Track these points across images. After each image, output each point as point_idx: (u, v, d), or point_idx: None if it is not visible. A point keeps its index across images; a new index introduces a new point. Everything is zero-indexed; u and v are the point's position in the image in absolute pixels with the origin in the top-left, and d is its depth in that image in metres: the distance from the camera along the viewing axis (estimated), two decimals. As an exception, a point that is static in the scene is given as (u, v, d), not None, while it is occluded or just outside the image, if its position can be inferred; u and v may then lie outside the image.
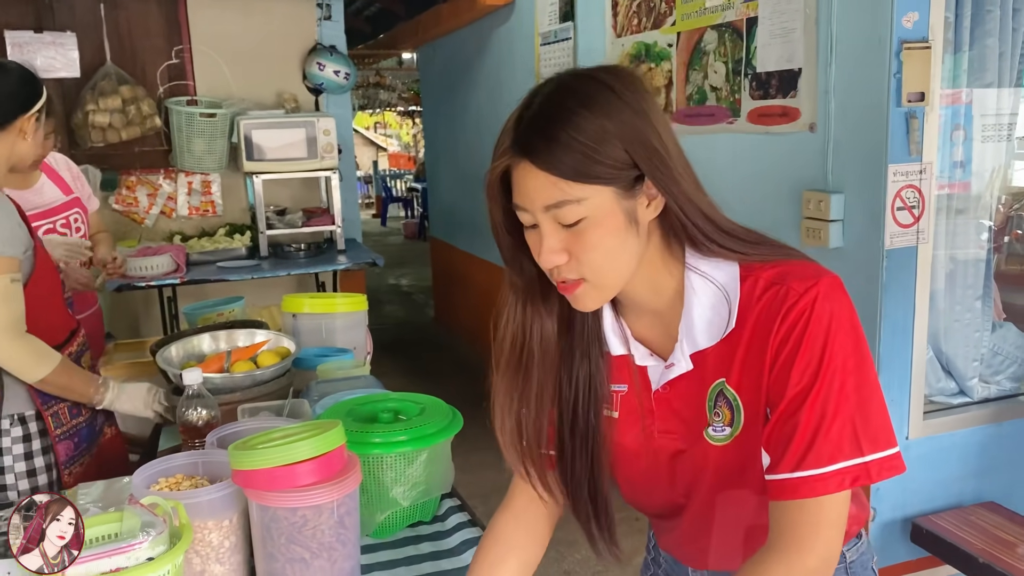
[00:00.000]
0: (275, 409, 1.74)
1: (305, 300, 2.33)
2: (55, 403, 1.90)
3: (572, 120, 0.90)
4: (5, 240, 1.72)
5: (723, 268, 1.00)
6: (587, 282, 0.98)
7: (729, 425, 1.02)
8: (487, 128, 5.59)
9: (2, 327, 1.73)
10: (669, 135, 0.95)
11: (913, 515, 2.54)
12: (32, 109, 1.98)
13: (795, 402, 0.93)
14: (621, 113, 0.91)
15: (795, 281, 0.95)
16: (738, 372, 0.99)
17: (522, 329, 1.08)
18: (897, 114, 2.36)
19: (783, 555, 0.93)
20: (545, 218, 0.95)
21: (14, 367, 1.80)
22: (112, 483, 1.65)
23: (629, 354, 1.08)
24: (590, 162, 0.90)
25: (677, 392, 1.06)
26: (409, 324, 7.69)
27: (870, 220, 2.45)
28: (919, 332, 2.50)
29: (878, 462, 0.92)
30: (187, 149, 4.34)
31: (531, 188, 0.93)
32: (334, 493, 1.25)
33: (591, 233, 0.94)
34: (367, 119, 19.87)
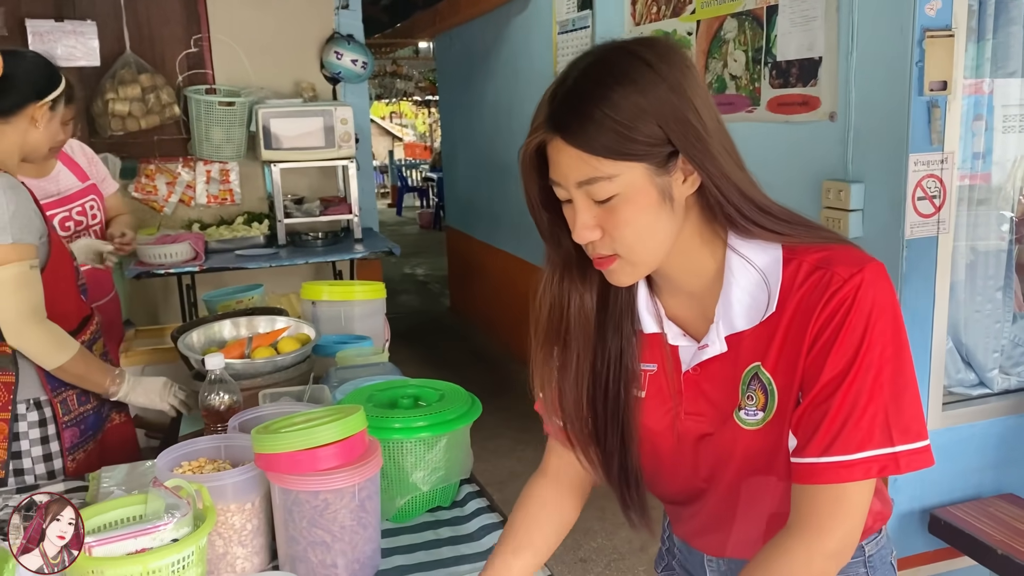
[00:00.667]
0: (296, 395, 1.75)
1: (324, 288, 2.34)
2: (64, 390, 1.92)
3: (606, 96, 0.90)
4: (22, 227, 1.74)
5: (766, 250, 0.99)
6: (621, 258, 0.97)
7: (762, 410, 1.01)
8: (504, 117, 5.58)
9: (23, 313, 1.75)
10: (708, 109, 0.94)
11: (931, 506, 2.53)
12: (46, 98, 1.94)
13: (829, 387, 0.93)
14: (656, 88, 0.90)
15: (840, 267, 0.94)
16: (775, 356, 0.98)
17: (559, 302, 1.09)
18: (919, 103, 2.34)
19: (803, 538, 0.94)
20: (578, 194, 0.94)
21: (34, 353, 1.82)
22: (135, 466, 1.67)
23: (662, 332, 1.08)
24: (622, 139, 0.89)
25: (708, 374, 1.05)
26: (425, 313, 7.71)
27: (890, 210, 2.44)
28: (939, 323, 2.49)
29: (908, 453, 0.92)
30: (206, 138, 4.36)
31: (564, 164, 0.93)
32: (355, 477, 1.26)
33: (623, 210, 0.93)
34: (383, 108, 19.88)
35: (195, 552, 1.17)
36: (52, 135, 1.99)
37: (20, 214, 1.75)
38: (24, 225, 1.75)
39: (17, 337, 1.79)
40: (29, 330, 1.78)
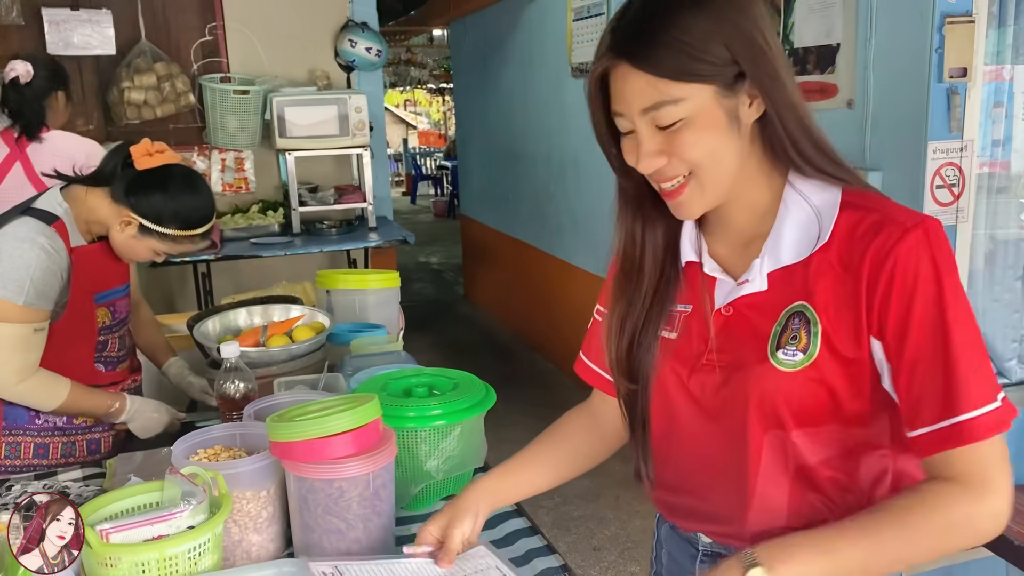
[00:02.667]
0: (311, 383, 1.76)
1: (339, 276, 2.35)
2: (21, 435, 1.85)
3: (671, 19, 0.90)
4: (40, 293, 1.72)
5: (825, 191, 0.98)
6: (693, 180, 0.97)
7: (803, 351, 0.97)
8: (519, 105, 5.57)
9: (13, 371, 1.73)
10: (772, 35, 0.94)
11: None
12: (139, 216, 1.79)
13: (925, 349, 0.91)
14: (724, 9, 0.90)
15: (901, 215, 0.93)
16: (825, 296, 0.96)
17: (633, 238, 1.09)
18: (938, 90, 2.31)
19: (969, 493, 0.90)
20: (642, 121, 0.94)
21: (27, 403, 1.81)
22: (151, 454, 1.69)
23: (700, 262, 1.07)
24: (690, 60, 0.89)
25: (741, 316, 1.02)
26: (439, 301, 7.73)
27: (908, 198, 2.41)
28: (957, 312, 2.47)
29: (1006, 404, 0.91)
30: (220, 126, 4.37)
31: (628, 91, 0.93)
32: (370, 465, 1.26)
33: (690, 134, 0.93)
34: (397, 97, 19.88)
35: (211, 539, 1.18)
36: (130, 248, 1.85)
37: (41, 280, 1.72)
38: (42, 292, 1.73)
39: (6, 394, 1.77)
40: (21, 387, 1.76)
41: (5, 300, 1.68)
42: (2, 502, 1.56)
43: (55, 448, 1.88)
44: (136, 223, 1.79)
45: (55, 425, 1.87)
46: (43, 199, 1.82)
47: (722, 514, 1.10)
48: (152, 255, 1.88)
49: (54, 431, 1.88)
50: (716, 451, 1.08)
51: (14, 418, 1.84)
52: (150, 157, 1.79)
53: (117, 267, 1.94)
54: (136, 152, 1.78)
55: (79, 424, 1.91)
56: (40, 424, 1.86)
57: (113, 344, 1.96)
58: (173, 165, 1.82)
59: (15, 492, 1.61)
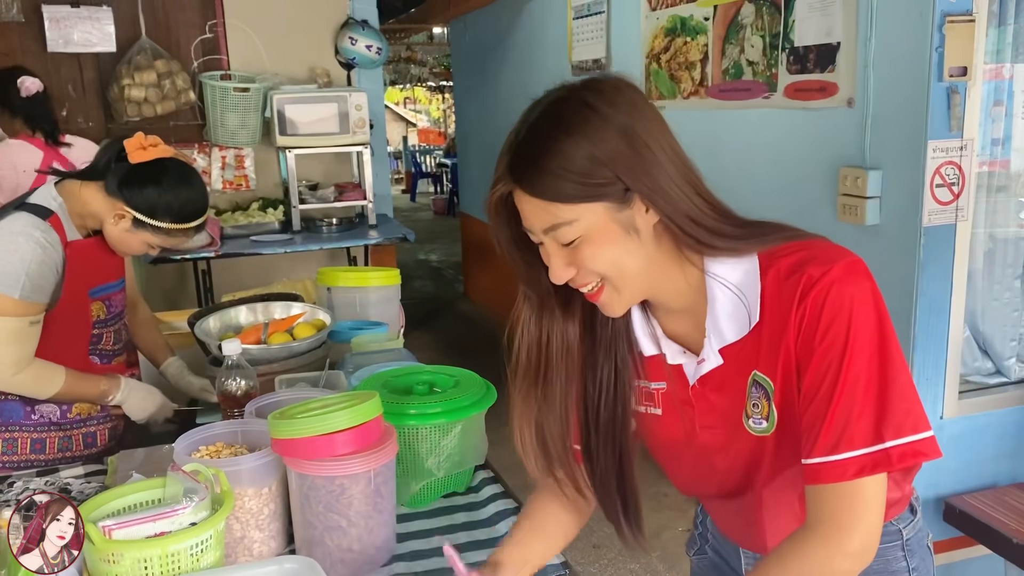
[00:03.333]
0: (312, 380, 1.76)
1: (340, 273, 2.35)
2: (16, 431, 1.86)
3: (555, 147, 0.93)
4: (36, 287, 1.73)
5: (741, 265, 1.00)
6: (607, 284, 1.00)
7: (766, 418, 1.03)
8: (519, 102, 5.54)
9: (9, 363, 1.74)
10: (660, 142, 0.96)
11: (946, 495, 2.52)
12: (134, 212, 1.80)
13: (814, 388, 0.95)
14: (604, 133, 0.93)
15: (812, 266, 0.95)
16: (765, 359, 1.00)
17: (538, 340, 1.11)
18: (938, 89, 2.31)
19: (822, 537, 0.94)
20: (547, 239, 0.98)
21: (23, 392, 1.82)
22: (153, 451, 1.69)
23: (661, 353, 1.10)
24: (575, 185, 0.93)
25: (713, 386, 1.07)
26: (439, 299, 7.73)
27: (908, 197, 2.42)
28: (956, 311, 2.47)
29: (900, 448, 0.92)
30: (221, 123, 4.37)
31: (528, 212, 0.97)
32: (371, 462, 1.27)
33: (589, 249, 0.97)
34: (397, 94, 19.85)
35: (213, 536, 1.18)
36: (124, 242, 1.86)
37: (37, 274, 1.73)
38: (38, 286, 1.74)
39: (3, 385, 1.78)
40: (17, 378, 1.76)
41: (1, 294, 1.69)
42: (3, 499, 1.57)
43: (51, 443, 1.89)
44: (130, 216, 1.80)
45: (50, 420, 1.88)
46: (38, 194, 1.82)
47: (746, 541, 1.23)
48: (146, 248, 1.88)
49: (50, 426, 1.88)
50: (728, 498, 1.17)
51: (9, 414, 1.84)
52: (143, 151, 1.80)
53: (112, 261, 1.94)
54: (130, 146, 1.79)
55: (74, 418, 1.91)
56: (36, 420, 1.86)
57: (108, 338, 1.96)
58: (166, 159, 1.82)
59: (17, 489, 1.61)
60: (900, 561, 1.15)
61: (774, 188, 3.00)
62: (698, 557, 1.40)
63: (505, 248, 1.06)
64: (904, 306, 2.43)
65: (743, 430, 1.05)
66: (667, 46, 3.54)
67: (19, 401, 1.84)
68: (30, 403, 1.86)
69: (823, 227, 2.71)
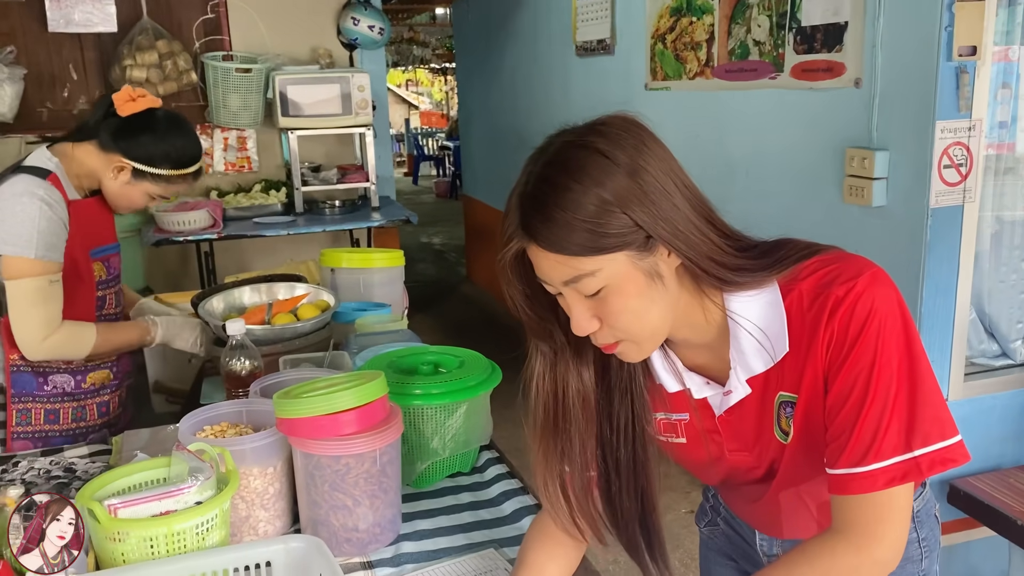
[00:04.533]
0: (316, 361, 1.76)
1: (343, 255, 2.34)
2: (30, 402, 1.87)
3: (567, 197, 0.88)
4: (49, 245, 1.74)
5: (762, 296, 0.98)
6: (624, 342, 0.98)
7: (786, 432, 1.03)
8: (523, 84, 5.54)
9: (39, 325, 1.75)
10: (672, 180, 0.92)
11: (950, 477, 2.52)
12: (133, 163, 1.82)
13: (842, 398, 0.94)
14: (614, 178, 0.88)
15: (836, 286, 0.93)
16: (791, 379, 0.99)
17: (554, 394, 1.08)
18: (947, 69, 2.29)
19: (852, 543, 0.94)
20: (568, 291, 0.95)
21: (59, 355, 1.83)
22: (158, 431, 1.69)
23: (685, 389, 1.08)
24: (595, 236, 0.89)
25: (742, 414, 1.06)
26: (442, 282, 7.72)
27: (915, 178, 2.40)
28: (962, 293, 2.46)
29: (929, 456, 0.91)
30: (223, 104, 4.35)
31: (546, 268, 0.93)
32: (376, 442, 1.26)
33: (614, 300, 0.93)
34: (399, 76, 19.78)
35: (219, 515, 1.18)
36: (125, 196, 1.89)
37: (48, 231, 1.74)
38: (51, 243, 1.75)
39: (36, 353, 1.79)
40: (50, 342, 1.77)
41: (17, 256, 1.70)
42: (9, 478, 1.57)
43: (65, 413, 1.91)
44: (129, 168, 1.83)
45: (64, 391, 1.89)
46: (32, 157, 1.83)
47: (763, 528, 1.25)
48: (147, 200, 1.91)
49: (63, 396, 1.89)
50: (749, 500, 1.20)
51: (22, 385, 1.85)
52: (133, 102, 1.82)
53: (108, 222, 1.98)
54: (118, 99, 1.81)
55: (88, 388, 1.93)
56: (48, 391, 1.88)
57: (110, 301, 1.99)
58: (156, 108, 1.85)
59: (21, 468, 1.61)
60: (911, 533, 1.15)
61: (780, 170, 2.98)
62: (709, 528, 1.40)
63: (520, 305, 1.02)
64: (910, 288, 2.42)
65: (773, 440, 1.05)
66: (673, 26, 3.51)
67: (31, 372, 1.85)
68: (43, 374, 1.86)
69: (829, 209, 2.72)
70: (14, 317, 1.75)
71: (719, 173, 3.25)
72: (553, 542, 1.15)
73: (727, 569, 1.37)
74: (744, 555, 1.32)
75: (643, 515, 1.12)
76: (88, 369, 1.93)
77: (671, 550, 3.08)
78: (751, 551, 1.29)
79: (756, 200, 3.07)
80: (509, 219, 0.94)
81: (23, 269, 1.71)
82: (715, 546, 1.40)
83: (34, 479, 1.56)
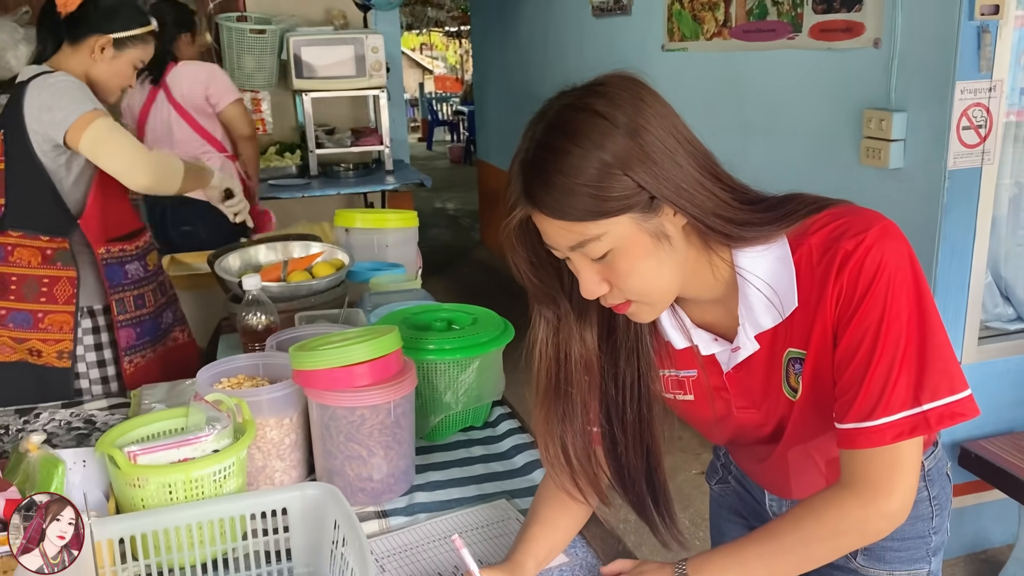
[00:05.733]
0: (331, 317, 1.77)
1: (357, 215, 2.35)
2: (122, 291, 2.07)
3: (567, 162, 0.88)
4: (91, 98, 1.92)
5: (770, 251, 0.97)
6: (635, 303, 0.98)
7: (795, 388, 1.03)
8: (538, 47, 5.49)
9: (135, 148, 1.93)
10: (674, 136, 0.91)
11: (962, 439, 2.53)
12: (111, 34, 1.99)
13: (850, 352, 0.93)
14: (614, 140, 0.88)
15: (846, 240, 0.93)
16: (800, 334, 0.99)
17: (556, 358, 1.09)
18: (968, 28, 2.26)
19: (860, 499, 0.94)
20: (575, 255, 0.95)
21: (156, 183, 1.98)
22: (175, 384, 1.72)
23: (693, 346, 1.08)
24: (597, 200, 0.88)
25: (750, 370, 1.06)
26: (456, 247, 7.72)
27: (933, 140, 2.38)
28: (979, 256, 2.45)
29: (938, 410, 0.91)
30: (237, 66, 4.34)
31: (551, 234, 0.93)
32: (391, 394, 1.28)
33: (621, 262, 0.93)
34: (414, 40, 19.63)
35: (235, 463, 1.20)
36: (116, 74, 2.05)
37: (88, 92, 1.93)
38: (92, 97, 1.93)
39: (143, 173, 1.93)
40: (145, 164, 1.94)
41: (88, 111, 1.88)
42: (31, 428, 1.60)
43: (149, 296, 2.14)
44: (108, 40, 1.99)
45: (139, 276, 2.11)
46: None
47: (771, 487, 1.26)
48: (132, 70, 2.08)
49: (141, 281, 2.12)
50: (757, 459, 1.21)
51: (111, 276, 2.04)
52: None
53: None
54: (59, 3, 1.95)
55: (152, 271, 2.16)
56: (132, 277, 2.09)
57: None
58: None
59: (43, 419, 1.64)
60: (922, 491, 1.16)
61: (796, 131, 2.96)
62: (720, 486, 1.41)
63: (525, 273, 1.03)
64: (926, 250, 2.41)
65: (780, 402, 1.05)
66: (690, -14, 3.47)
67: (117, 264, 2.05)
68: (121, 264, 2.07)
69: (845, 171, 2.70)
70: (111, 154, 1.90)
71: (735, 135, 3.23)
72: (565, 496, 1.17)
73: (737, 527, 1.39)
74: (754, 513, 1.34)
75: (649, 471, 1.13)
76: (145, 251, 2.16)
77: (681, 510, 3.12)
78: (761, 509, 1.30)
79: (772, 162, 3.06)
80: (512, 187, 0.94)
81: (96, 115, 1.89)
82: (726, 503, 1.41)
83: (55, 430, 1.59)
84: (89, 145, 1.88)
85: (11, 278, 1.96)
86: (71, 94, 1.89)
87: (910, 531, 1.15)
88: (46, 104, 1.88)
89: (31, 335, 1.98)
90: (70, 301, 1.99)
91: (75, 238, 1.99)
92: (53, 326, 1.98)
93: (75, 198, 2.00)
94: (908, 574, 1.17)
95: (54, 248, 1.97)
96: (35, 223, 1.96)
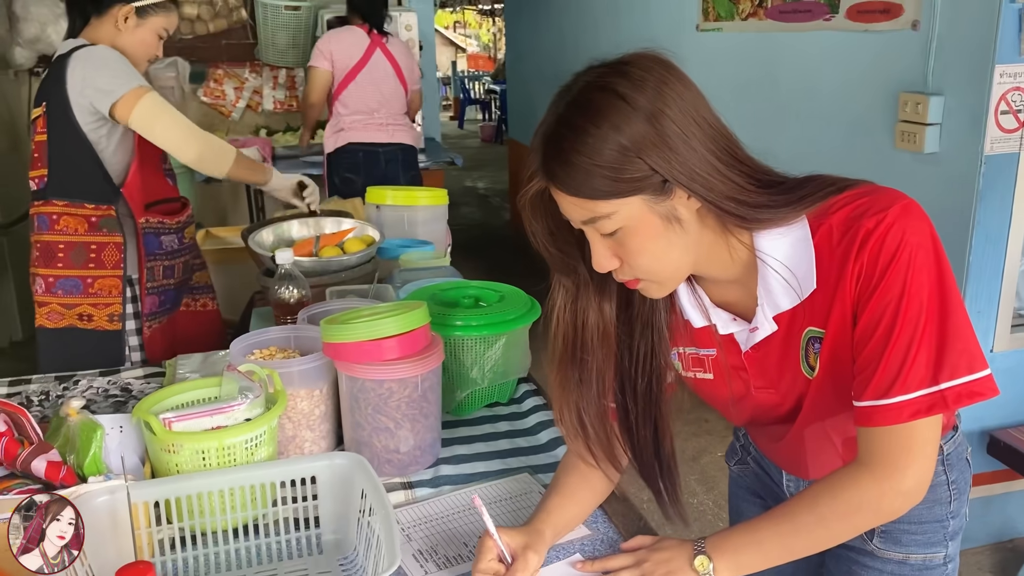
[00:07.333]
0: (361, 292, 1.80)
1: (388, 192, 2.37)
2: (154, 260, 2.13)
3: (585, 141, 0.90)
4: (135, 72, 1.99)
5: (791, 233, 0.97)
6: (644, 280, 1.00)
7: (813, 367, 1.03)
8: (571, 26, 5.46)
9: (184, 125, 2.00)
10: (694, 119, 0.91)
11: (992, 427, 2.51)
12: (129, 2, 2.02)
13: (870, 329, 0.94)
14: (632, 124, 0.89)
15: (866, 218, 0.93)
16: (819, 314, 0.99)
17: (573, 325, 1.10)
18: (1010, 10, 2.22)
19: (876, 474, 0.95)
20: (587, 229, 0.97)
21: (207, 161, 2.05)
22: (209, 355, 1.75)
23: (711, 324, 1.09)
24: (611, 181, 0.90)
25: (768, 350, 1.06)
26: (486, 226, 7.74)
27: (970, 124, 2.35)
28: (1014, 243, 2.42)
29: (956, 389, 0.91)
30: (272, 42, 4.37)
31: (566, 207, 0.96)
32: (418, 368, 1.30)
33: (631, 241, 0.95)
34: (447, 18, 19.58)
35: (267, 432, 1.24)
36: (141, 43, 2.08)
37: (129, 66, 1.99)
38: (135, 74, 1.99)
39: (189, 151, 2.01)
40: (195, 139, 2.01)
41: (135, 87, 1.94)
42: (71, 394, 1.65)
43: (178, 268, 2.21)
44: (131, 9, 2.02)
45: (172, 248, 2.17)
46: None
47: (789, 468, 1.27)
48: (158, 40, 2.12)
49: (173, 253, 2.18)
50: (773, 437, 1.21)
51: (146, 244, 2.10)
52: None
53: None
54: None
55: (187, 243, 2.23)
56: (166, 248, 2.15)
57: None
58: None
59: (82, 386, 1.69)
60: (940, 475, 1.16)
61: (831, 114, 2.93)
62: (739, 467, 1.42)
63: (541, 241, 1.05)
64: (959, 236, 2.38)
65: (799, 376, 1.05)
66: (726, -35, 3.43)
67: (152, 233, 2.11)
68: (158, 235, 2.13)
69: (880, 155, 2.67)
70: (166, 128, 1.98)
71: (769, 116, 3.20)
72: (587, 467, 1.19)
73: (755, 507, 1.40)
74: (772, 494, 1.35)
75: (656, 443, 1.15)
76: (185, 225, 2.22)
77: (706, 492, 3.14)
78: (778, 490, 1.31)
79: (806, 144, 3.03)
80: (532, 158, 0.96)
81: (143, 91, 1.95)
82: (744, 484, 1.43)
83: (93, 396, 1.64)
84: (141, 120, 1.95)
85: (58, 246, 2.03)
86: (115, 67, 1.95)
87: (927, 515, 1.16)
88: (90, 76, 1.94)
89: (81, 300, 2.05)
90: (118, 266, 2.06)
91: (119, 207, 2.06)
92: (103, 290, 2.06)
93: (118, 168, 2.06)
94: (924, 557, 1.18)
95: (99, 215, 2.04)
96: (80, 192, 2.02)
